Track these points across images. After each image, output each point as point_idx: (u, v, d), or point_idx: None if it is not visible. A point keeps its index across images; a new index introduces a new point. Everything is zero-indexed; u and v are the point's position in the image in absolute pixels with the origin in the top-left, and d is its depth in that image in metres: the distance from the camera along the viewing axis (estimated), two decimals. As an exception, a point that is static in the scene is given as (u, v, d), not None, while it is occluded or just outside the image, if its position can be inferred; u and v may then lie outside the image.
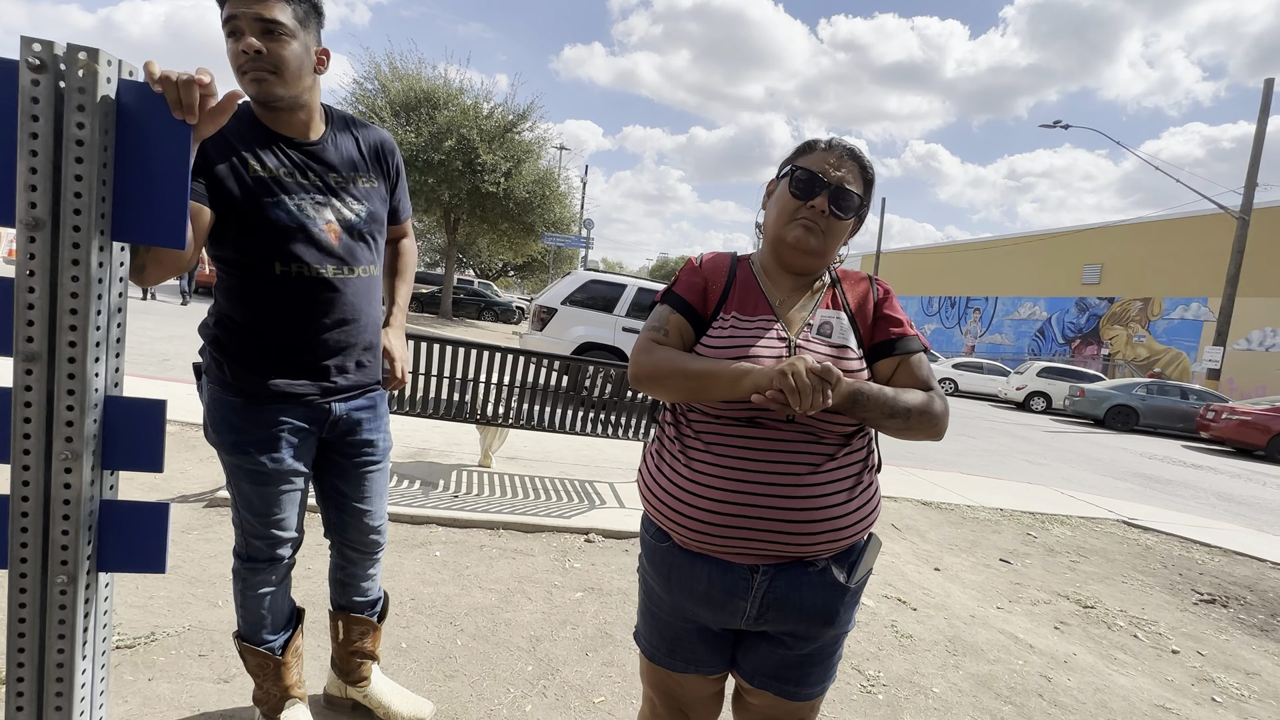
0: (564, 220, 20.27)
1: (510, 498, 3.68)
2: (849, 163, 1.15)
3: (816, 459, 1.07)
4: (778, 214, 1.17)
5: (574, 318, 7.80)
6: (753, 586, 1.08)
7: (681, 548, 1.12)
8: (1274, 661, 3.03)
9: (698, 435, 1.12)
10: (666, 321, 1.18)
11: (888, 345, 1.16)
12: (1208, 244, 19.21)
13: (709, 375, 1.05)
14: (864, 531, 1.12)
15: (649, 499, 1.17)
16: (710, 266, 1.24)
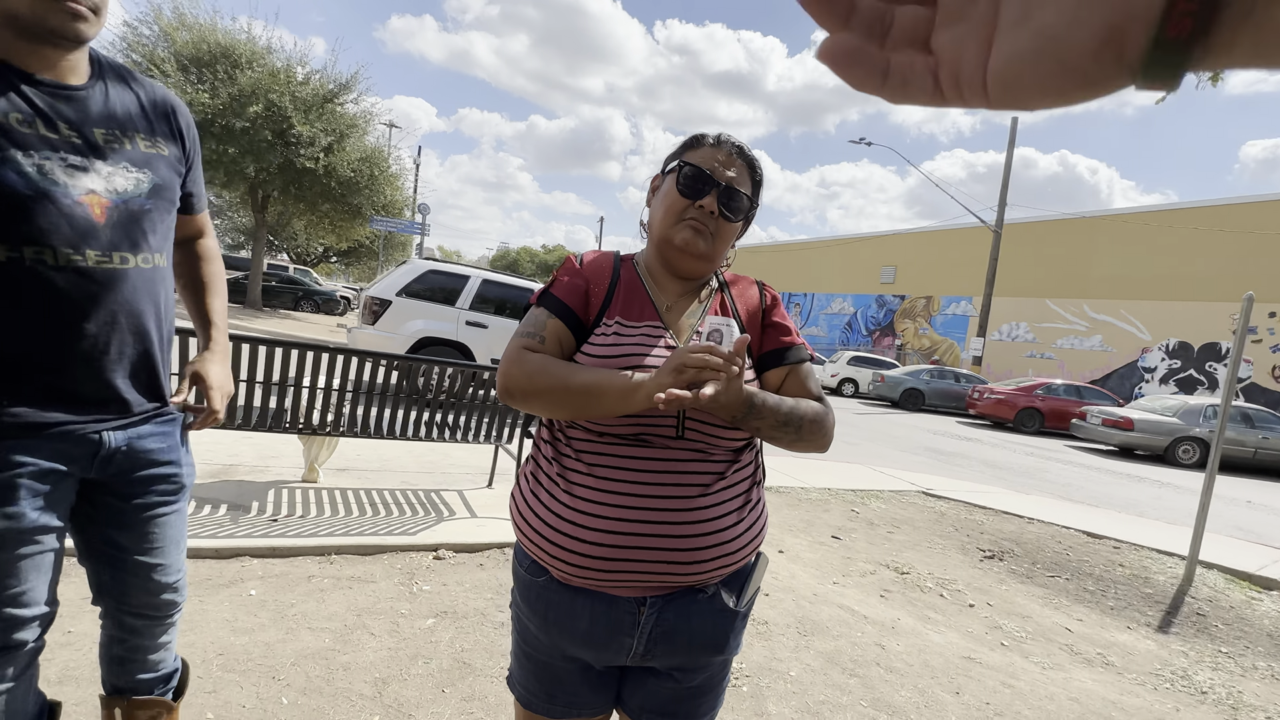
0: (395, 204, 18.76)
1: (343, 516, 3.26)
2: (738, 161, 1.09)
3: (707, 479, 1.00)
4: (664, 213, 1.08)
5: (411, 310, 7.21)
6: (640, 621, 0.99)
7: (560, 583, 1.01)
8: (1038, 603, 3.63)
9: (579, 456, 1.00)
10: (543, 327, 1.04)
11: (778, 354, 1.11)
12: (972, 251, 22.97)
13: (596, 388, 0.93)
14: (754, 551, 1.08)
15: (524, 530, 1.04)
16: (592, 267, 1.12)
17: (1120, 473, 9.86)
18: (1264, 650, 3.33)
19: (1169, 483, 9.34)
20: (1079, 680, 2.71)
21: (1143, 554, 4.84)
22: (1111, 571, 4.35)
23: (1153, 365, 18.47)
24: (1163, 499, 7.90)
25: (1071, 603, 3.70)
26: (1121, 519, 6.08)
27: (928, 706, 2.30)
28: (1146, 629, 3.45)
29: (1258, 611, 3.91)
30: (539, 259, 69.80)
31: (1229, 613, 3.82)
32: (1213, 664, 3.08)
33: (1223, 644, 3.36)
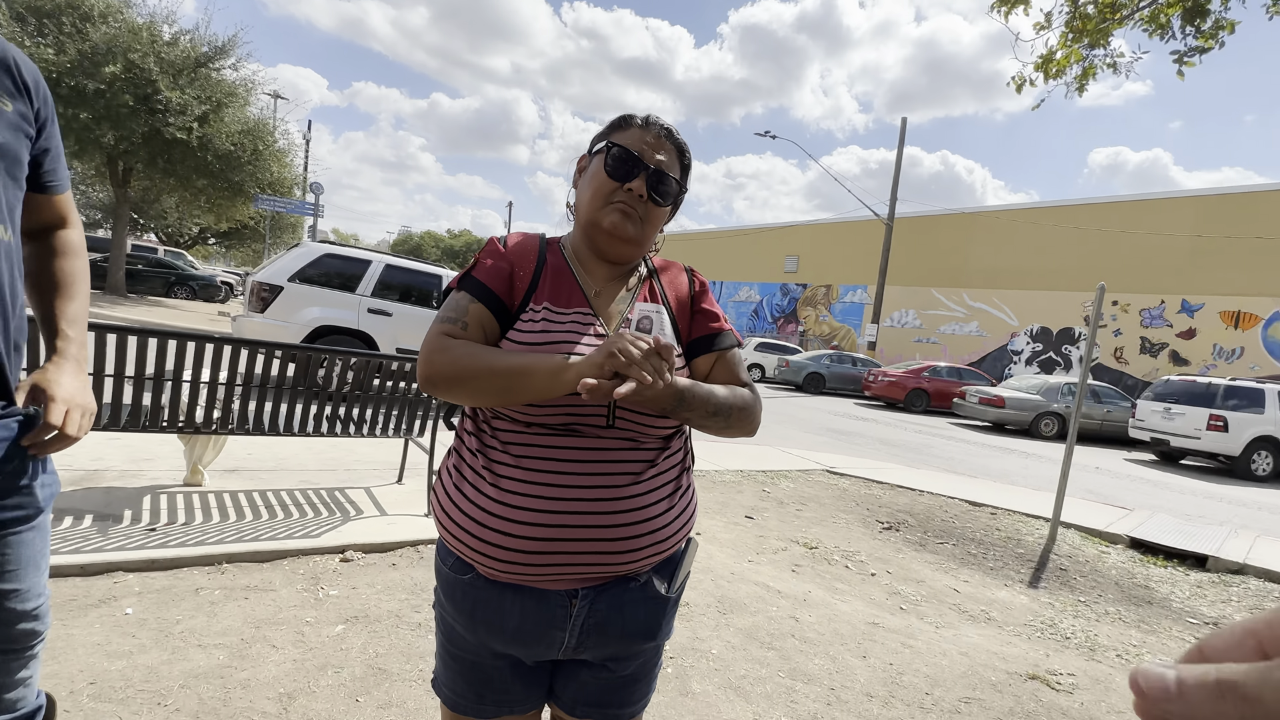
0: (283, 182, 17.34)
1: (235, 521, 3.00)
2: (667, 145, 1.07)
3: (637, 466, 0.99)
4: (592, 195, 1.04)
5: (306, 297, 6.71)
6: (571, 614, 0.97)
7: (488, 579, 0.97)
8: (931, 568, 3.95)
9: (505, 448, 0.96)
10: (465, 312, 0.99)
11: (707, 340, 1.10)
12: (866, 243, 24.43)
13: (523, 371, 0.89)
14: (685, 538, 1.08)
15: (447, 526, 0.99)
16: (516, 250, 1.06)
17: (994, 446, 10.90)
18: (1113, 597, 3.80)
19: (1034, 453, 10.43)
20: (967, 636, 2.97)
21: (1015, 518, 5.37)
22: (990, 535, 4.79)
23: (1020, 348, 20.51)
24: (1029, 468, 8.81)
25: (958, 566, 4.05)
26: (997, 488, 6.72)
27: (839, 672, 2.44)
28: (1020, 585, 3.84)
29: (1107, 563, 4.45)
30: (444, 244, 67.14)
31: (1085, 566, 4.32)
32: (1074, 612, 3.48)
33: (1081, 594, 3.80)
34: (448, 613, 1.03)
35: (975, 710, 2.28)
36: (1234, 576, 4.47)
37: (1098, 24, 3.15)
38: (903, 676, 2.47)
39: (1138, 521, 5.60)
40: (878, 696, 2.30)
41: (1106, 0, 3.15)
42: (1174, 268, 17.42)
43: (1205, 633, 3.42)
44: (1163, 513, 6.36)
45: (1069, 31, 3.32)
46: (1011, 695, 2.42)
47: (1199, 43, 3.28)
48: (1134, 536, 5.05)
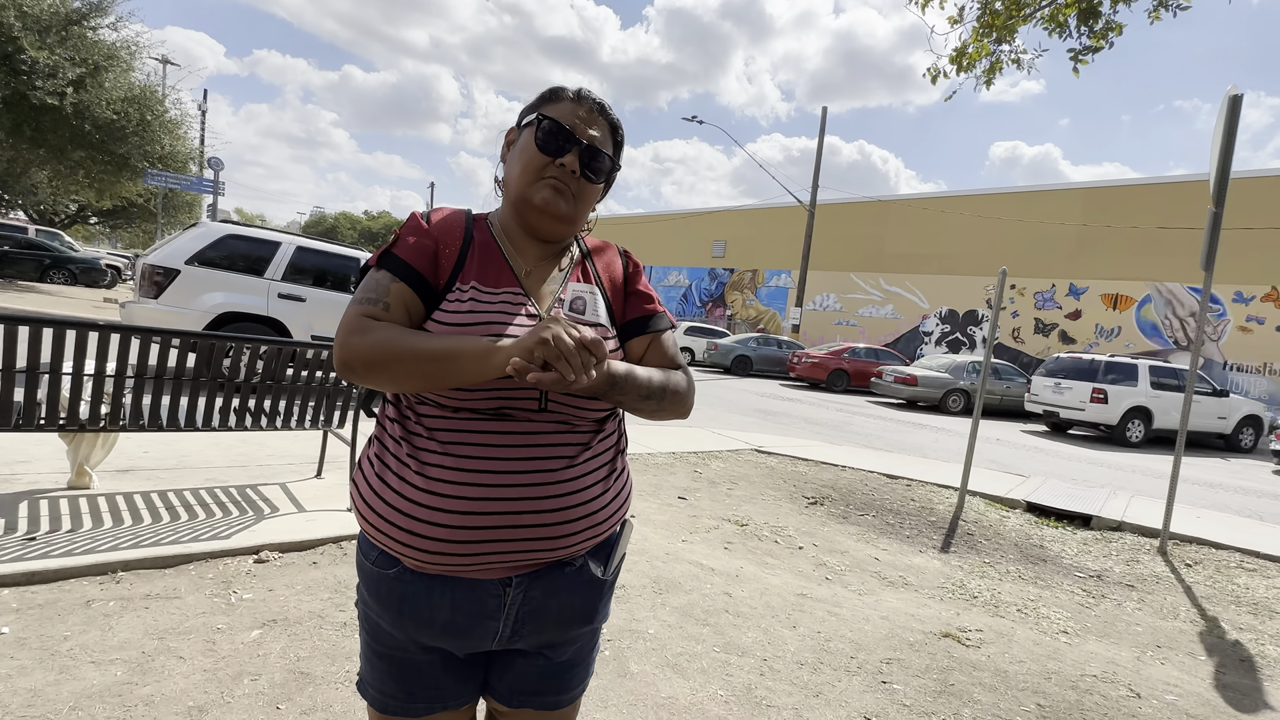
0: (177, 156, 15.90)
1: (131, 526, 2.75)
2: (600, 120, 1.03)
3: (571, 450, 0.96)
4: (522, 170, 1.00)
5: (207, 281, 6.22)
6: (506, 603, 0.94)
7: (415, 573, 0.93)
8: (853, 539, 4.15)
9: (431, 435, 0.92)
10: (386, 292, 0.93)
11: (640, 323, 1.08)
12: (790, 229, 25.16)
13: (449, 354, 0.85)
14: (621, 519, 1.06)
15: (369, 519, 0.94)
16: (441, 226, 1.00)
17: (908, 422, 11.56)
18: (1013, 557, 4.13)
19: (943, 428, 11.15)
20: (887, 601, 3.14)
21: (928, 489, 5.73)
22: (906, 506, 5.09)
23: (930, 330, 21.79)
24: (939, 441, 9.41)
25: (878, 535, 4.27)
26: (911, 461, 7.14)
27: (771, 643, 2.53)
28: (933, 550, 4.10)
29: (1008, 526, 4.83)
30: (362, 226, 63.94)
31: (989, 530, 4.67)
32: (980, 573, 3.76)
33: (986, 556, 4.10)
34: (372, 610, 0.98)
35: (896, 670, 2.42)
36: (1113, 533, 4.96)
37: (1005, 20, 3.36)
38: (830, 643, 2.59)
39: (1033, 487, 6.10)
40: (807, 663, 2.40)
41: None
42: (1063, 254, 18.95)
43: (1091, 584, 3.79)
44: (1054, 478, 6.96)
45: (980, 27, 3.53)
46: (927, 653, 2.58)
47: (1091, 42, 3.57)
48: (1030, 501, 5.50)
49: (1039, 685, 2.43)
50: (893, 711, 2.13)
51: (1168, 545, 4.63)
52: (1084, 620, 3.20)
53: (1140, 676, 2.61)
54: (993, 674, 2.47)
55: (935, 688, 2.32)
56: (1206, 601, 3.68)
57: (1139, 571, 4.12)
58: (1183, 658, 2.89)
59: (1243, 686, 2.65)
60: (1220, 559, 4.52)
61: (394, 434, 0.95)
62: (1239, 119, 4.42)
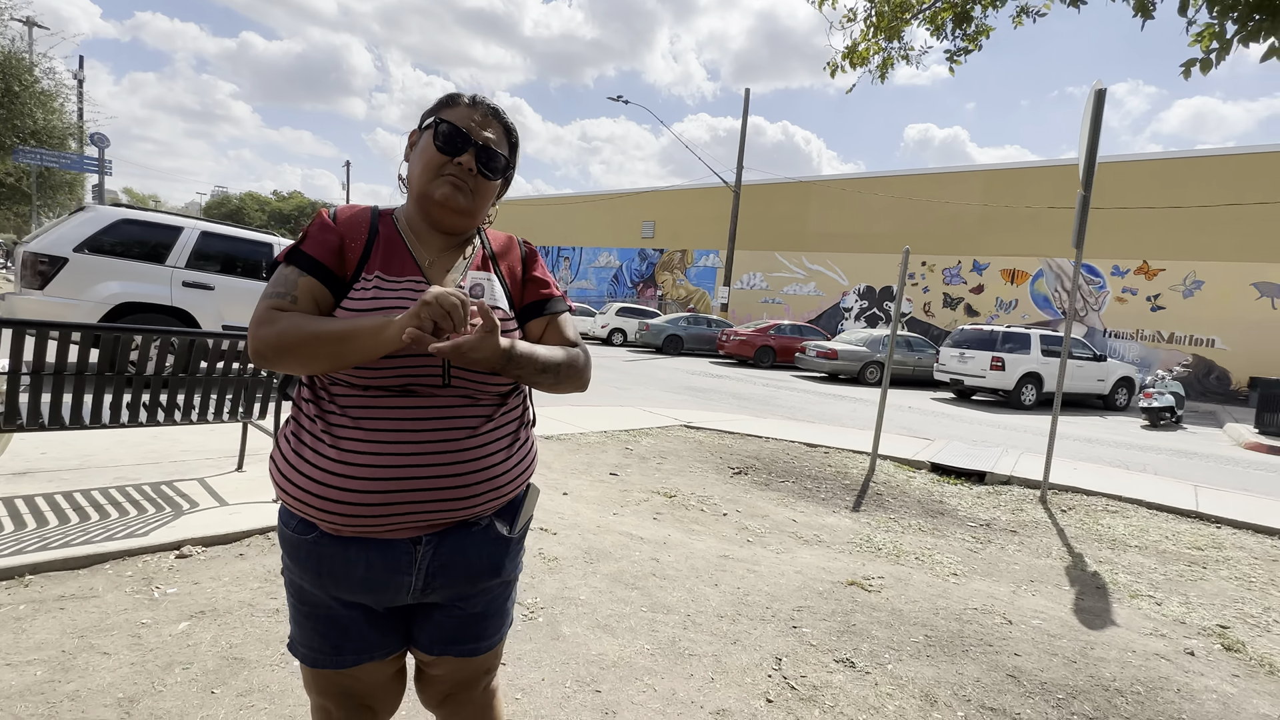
0: (52, 131, 14.47)
1: (35, 529, 2.63)
2: (494, 123, 1.14)
3: (474, 421, 1.07)
4: (423, 168, 1.10)
5: (101, 270, 5.80)
6: (416, 559, 1.05)
7: (332, 535, 1.03)
8: (773, 504, 4.44)
9: (344, 411, 1.02)
10: (294, 286, 1.03)
11: (537, 306, 1.19)
12: (717, 209, 25.63)
13: (347, 334, 0.95)
14: (523, 484, 1.17)
15: (287, 489, 1.03)
16: (347, 222, 1.10)
17: (829, 394, 12.20)
18: (916, 513, 4.54)
19: (860, 399, 11.83)
20: (802, 557, 3.42)
21: (843, 455, 6.14)
22: (823, 471, 5.46)
23: (850, 306, 22.86)
24: (857, 411, 10.01)
25: (796, 500, 4.59)
26: (829, 430, 7.59)
27: (694, 600, 2.73)
28: (846, 510, 4.45)
29: (913, 486, 5.27)
30: (271, 207, 59.94)
31: (895, 489, 5.09)
32: (885, 528, 4.12)
33: (892, 513, 4.49)
34: (294, 573, 1.08)
35: (805, 616, 2.68)
36: (1004, 486, 5.51)
37: (889, 21, 3.64)
38: (748, 597, 2.82)
39: (937, 450, 6.64)
40: (726, 615, 2.61)
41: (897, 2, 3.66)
42: (968, 233, 20.25)
43: (980, 532, 4.23)
44: (957, 440, 7.59)
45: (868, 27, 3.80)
46: (834, 600, 2.86)
47: (965, 44, 3.92)
48: (934, 462, 6.00)
49: (927, 620, 2.74)
50: (801, 650, 2.38)
51: (1047, 495, 5.20)
52: (972, 563, 3.60)
53: (1014, 607, 2.99)
54: (889, 613, 2.77)
55: (839, 628, 2.58)
56: (1075, 541, 4.19)
57: (1021, 519, 4.62)
58: (1050, 589, 3.31)
59: (1096, 609, 3.09)
60: (1089, 504, 5.12)
61: (309, 413, 1.05)
62: (1103, 111, 4.93)
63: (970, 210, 20.10)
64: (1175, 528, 4.64)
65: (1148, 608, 3.16)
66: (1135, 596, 3.30)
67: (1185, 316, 16.70)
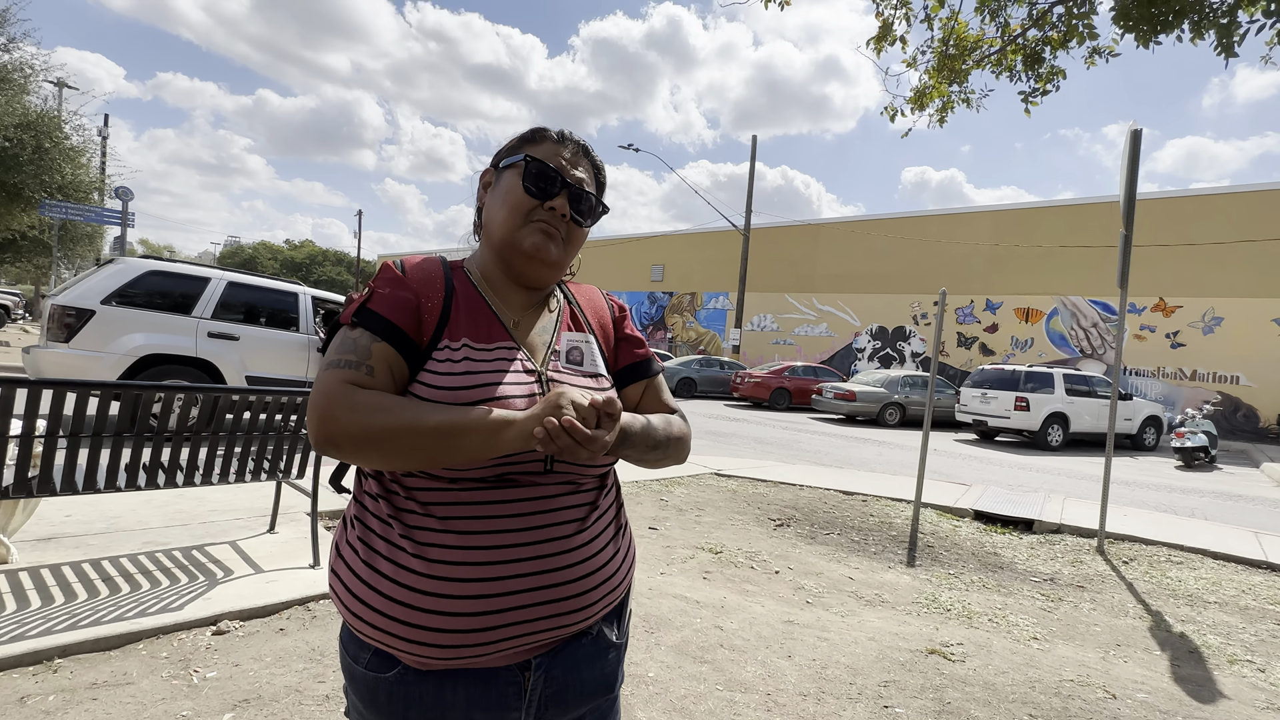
0: (79, 185, 14.76)
1: (64, 604, 2.46)
2: (584, 161, 1.00)
3: (580, 511, 0.91)
4: (508, 214, 0.94)
5: (127, 322, 5.75)
6: (526, 689, 0.87)
7: (419, 671, 0.83)
8: (824, 559, 4.22)
9: (427, 510, 0.83)
10: (368, 354, 0.83)
11: (635, 369, 1.05)
12: (725, 252, 25.84)
13: (455, 431, 0.78)
14: (632, 578, 1.03)
15: (361, 614, 0.83)
16: (419, 277, 0.92)
17: (851, 436, 11.96)
18: (973, 567, 4.30)
19: (884, 441, 11.59)
20: (870, 621, 3.19)
21: (883, 503, 5.91)
22: (867, 522, 5.23)
23: (863, 346, 22.75)
24: (883, 455, 9.77)
25: (847, 554, 4.36)
26: (862, 476, 7.36)
27: (770, 676, 2.51)
28: (901, 565, 4.22)
29: (961, 536, 5.03)
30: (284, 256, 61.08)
31: (945, 540, 4.86)
32: (948, 585, 3.89)
33: (949, 567, 4.25)
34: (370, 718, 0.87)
35: (894, 692, 2.45)
36: (1055, 535, 5.26)
37: (959, 64, 3.63)
38: (826, 670, 2.60)
39: (976, 496, 6.40)
40: (810, 694, 2.39)
41: (965, 44, 3.66)
42: (978, 272, 20.28)
43: (1046, 588, 3.99)
44: (993, 485, 7.34)
45: (936, 69, 3.81)
46: (919, 673, 2.63)
47: (1038, 85, 3.92)
48: (976, 509, 5.77)
49: (1026, 695, 2.51)
50: (900, 736, 2.15)
51: (1105, 544, 4.95)
52: (1049, 625, 3.36)
53: (1110, 677, 2.75)
54: (982, 688, 2.54)
55: (934, 707, 2.36)
56: (1148, 597, 3.94)
57: (1085, 572, 4.37)
58: (1140, 654, 3.07)
59: (1198, 678, 2.84)
60: (1151, 554, 4.87)
61: (380, 512, 0.86)
62: (1140, 151, 4.89)
63: (980, 250, 20.19)
64: (1249, 580, 4.38)
65: (1252, 675, 2.92)
66: (1234, 662, 3.05)
67: (1207, 353, 16.50)
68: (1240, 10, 2.82)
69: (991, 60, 3.80)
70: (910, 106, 4.12)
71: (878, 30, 3.94)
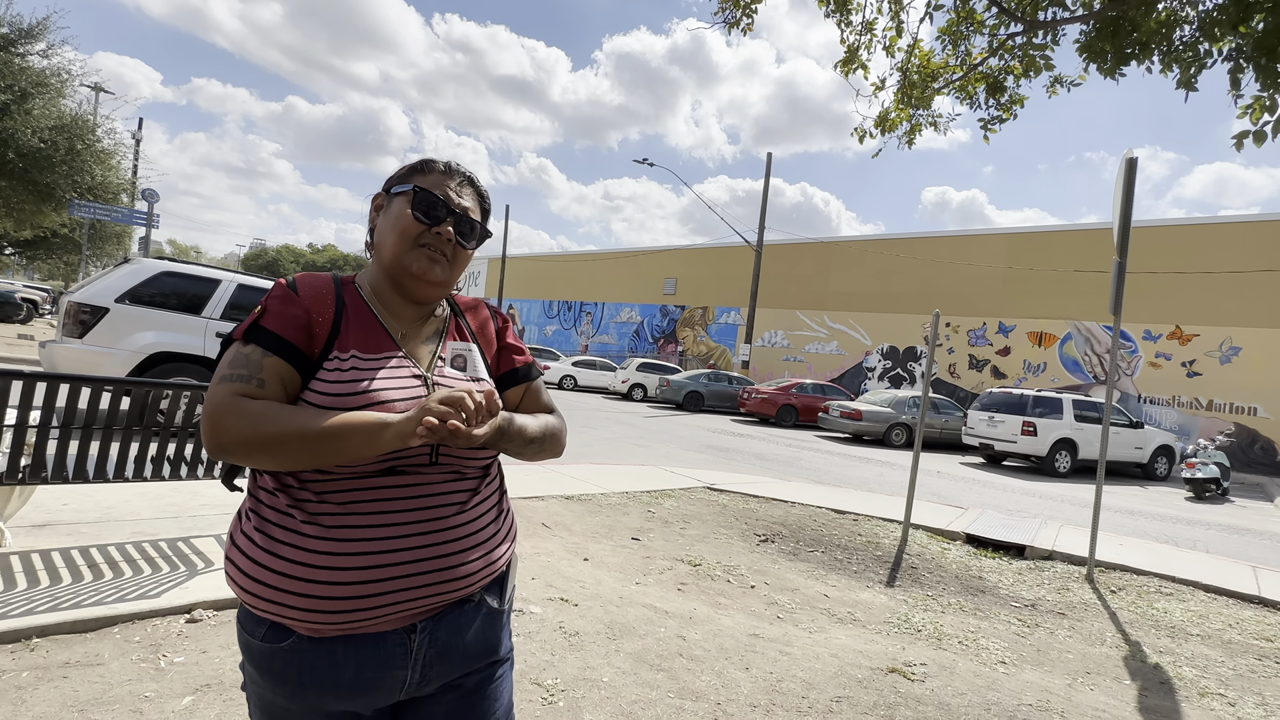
0: (109, 186, 15.25)
1: (48, 586, 2.57)
2: (469, 190, 1.10)
3: (462, 496, 1.02)
4: (398, 238, 1.03)
5: (139, 320, 5.95)
6: (411, 649, 0.96)
7: (312, 638, 0.92)
8: (803, 576, 4.23)
9: (323, 498, 0.92)
10: (260, 368, 0.92)
11: (514, 374, 1.16)
12: (738, 267, 25.90)
13: (339, 434, 0.86)
14: (511, 554, 1.12)
15: (258, 592, 0.91)
16: (310, 293, 1.01)
17: (854, 456, 11.89)
18: (954, 589, 4.29)
19: (887, 461, 11.51)
20: (837, 638, 3.21)
21: (873, 523, 5.90)
22: (853, 541, 5.22)
23: (873, 365, 22.61)
24: (883, 475, 9.71)
25: (827, 572, 4.37)
26: (857, 495, 7.34)
27: (724, 686, 2.55)
28: (880, 585, 4.21)
29: (948, 559, 5.01)
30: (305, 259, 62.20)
31: (931, 563, 4.84)
32: (924, 606, 3.88)
33: (929, 589, 4.24)
34: (265, 688, 0.95)
35: (845, 708, 2.47)
36: (1045, 562, 5.21)
37: (921, 92, 3.70)
38: (781, 683, 2.62)
39: (971, 519, 6.36)
40: (760, 705, 2.42)
41: (927, 71, 3.74)
42: (992, 294, 20.12)
43: (1026, 613, 3.96)
44: (991, 510, 7.27)
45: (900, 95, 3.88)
46: (875, 690, 2.65)
47: (999, 112, 3.98)
48: (969, 533, 5.73)
49: (980, 717, 2.52)
50: (843, 751, 2.18)
51: (1094, 573, 4.90)
52: (1020, 650, 3.34)
53: (1072, 704, 2.75)
54: (936, 707, 2.55)
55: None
56: (1130, 626, 3.90)
57: (1069, 599, 4.33)
58: (1110, 683, 3.05)
59: (1163, 709, 2.82)
60: (1141, 584, 4.81)
61: (278, 505, 0.94)
62: (1135, 178, 4.90)
63: (994, 272, 20.04)
64: (1238, 614, 4.31)
65: (1220, 709, 2.89)
66: (1205, 695, 3.02)
67: (1224, 383, 16.18)
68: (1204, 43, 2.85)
69: (955, 86, 3.87)
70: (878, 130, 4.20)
71: (844, 55, 4.03)
